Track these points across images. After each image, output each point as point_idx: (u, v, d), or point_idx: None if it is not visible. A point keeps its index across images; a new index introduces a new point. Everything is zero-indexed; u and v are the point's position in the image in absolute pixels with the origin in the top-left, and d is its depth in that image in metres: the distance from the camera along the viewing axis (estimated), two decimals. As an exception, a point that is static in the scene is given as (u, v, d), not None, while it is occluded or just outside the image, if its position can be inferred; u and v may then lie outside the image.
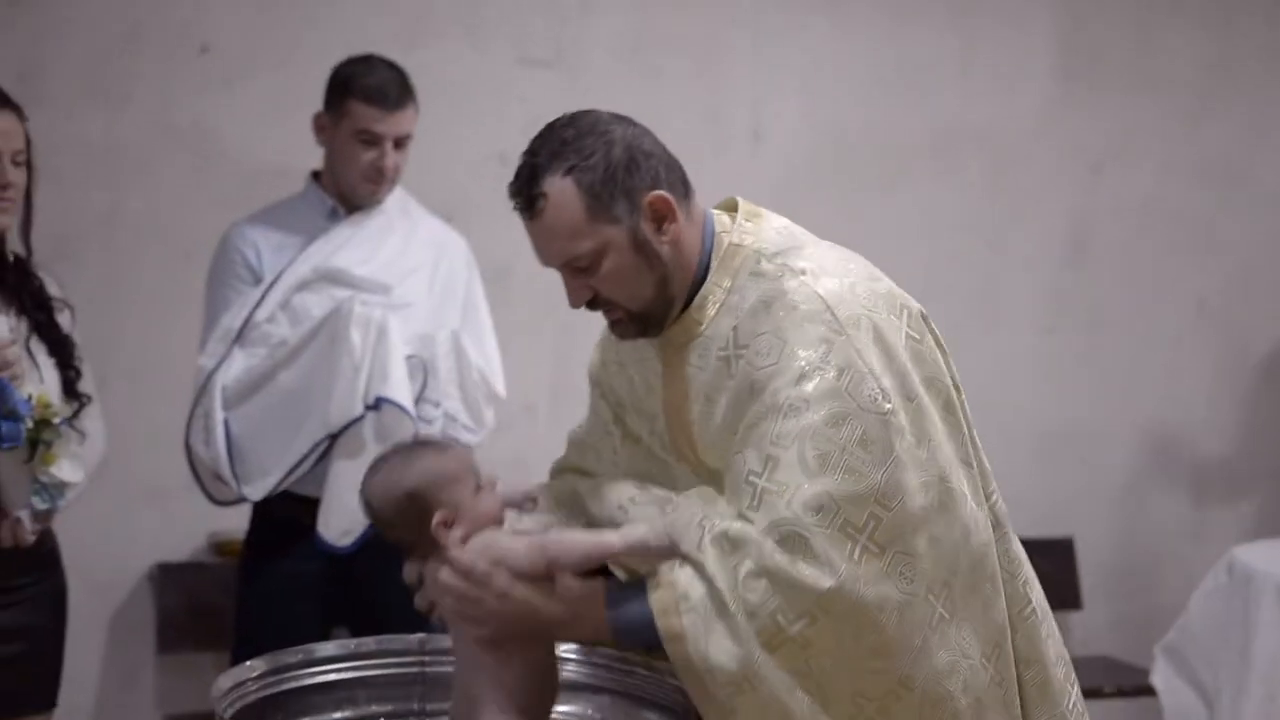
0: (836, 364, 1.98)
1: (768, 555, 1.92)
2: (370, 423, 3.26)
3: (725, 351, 2.07)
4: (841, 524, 1.92)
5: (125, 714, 4.24)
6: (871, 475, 1.95)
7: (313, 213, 3.44)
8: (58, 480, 2.93)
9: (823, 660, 1.92)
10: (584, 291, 2.11)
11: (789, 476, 1.94)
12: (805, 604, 1.90)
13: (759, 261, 2.10)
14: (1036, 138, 5.10)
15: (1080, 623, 5.10)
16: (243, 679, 2.19)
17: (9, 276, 3.08)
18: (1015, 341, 5.05)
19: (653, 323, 2.14)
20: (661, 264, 2.09)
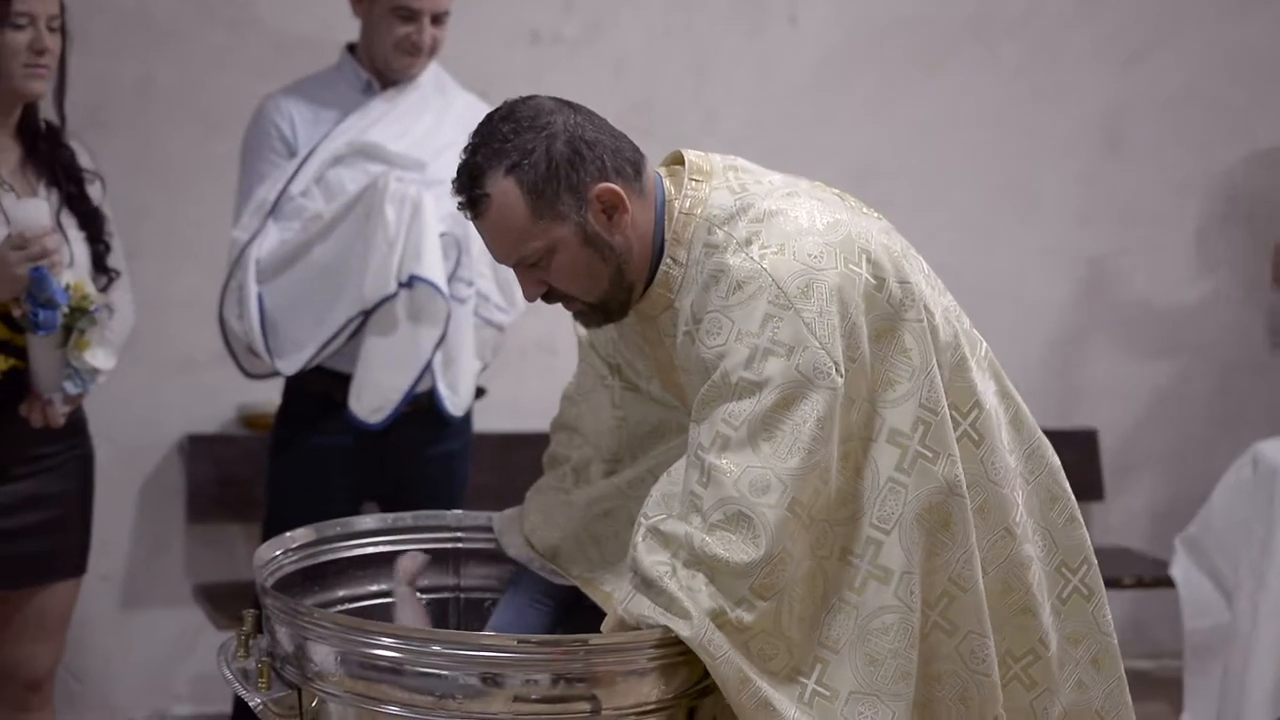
0: (786, 342, 1.95)
1: (698, 545, 1.92)
2: (403, 299, 3.26)
3: (688, 328, 2.05)
4: (790, 503, 1.92)
5: (154, 582, 4.29)
6: (820, 452, 1.94)
7: (348, 86, 3.41)
8: (90, 366, 2.95)
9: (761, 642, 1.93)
10: (538, 286, 2.09)
11: (739, 457, 1.93)
12: (741, 590, 1.91)
13: (710, 231, 2.05)
14: (1075, 25, 5.03)
15: (1101, 513, 5.12)
16: (283, 549, 2.22)
17: (41, 146, 3.07)
18: (1048, 232, 5.02)
19: (614, 310, 2.12)
20: (614, 254, 2.06)
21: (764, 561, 1.91)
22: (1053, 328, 5.13)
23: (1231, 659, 3.85)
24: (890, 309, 2.04)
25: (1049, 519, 2.18)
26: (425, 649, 1.92)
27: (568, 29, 4.52)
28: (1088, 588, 2.18)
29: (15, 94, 3.00)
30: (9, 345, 2.96)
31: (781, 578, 1.92)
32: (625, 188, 2.05)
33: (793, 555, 1.93)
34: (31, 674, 3.14)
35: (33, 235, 2.88)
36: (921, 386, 2.03)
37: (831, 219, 2.06)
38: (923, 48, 4.88)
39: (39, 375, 2.96)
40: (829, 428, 1.95)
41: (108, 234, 3.13)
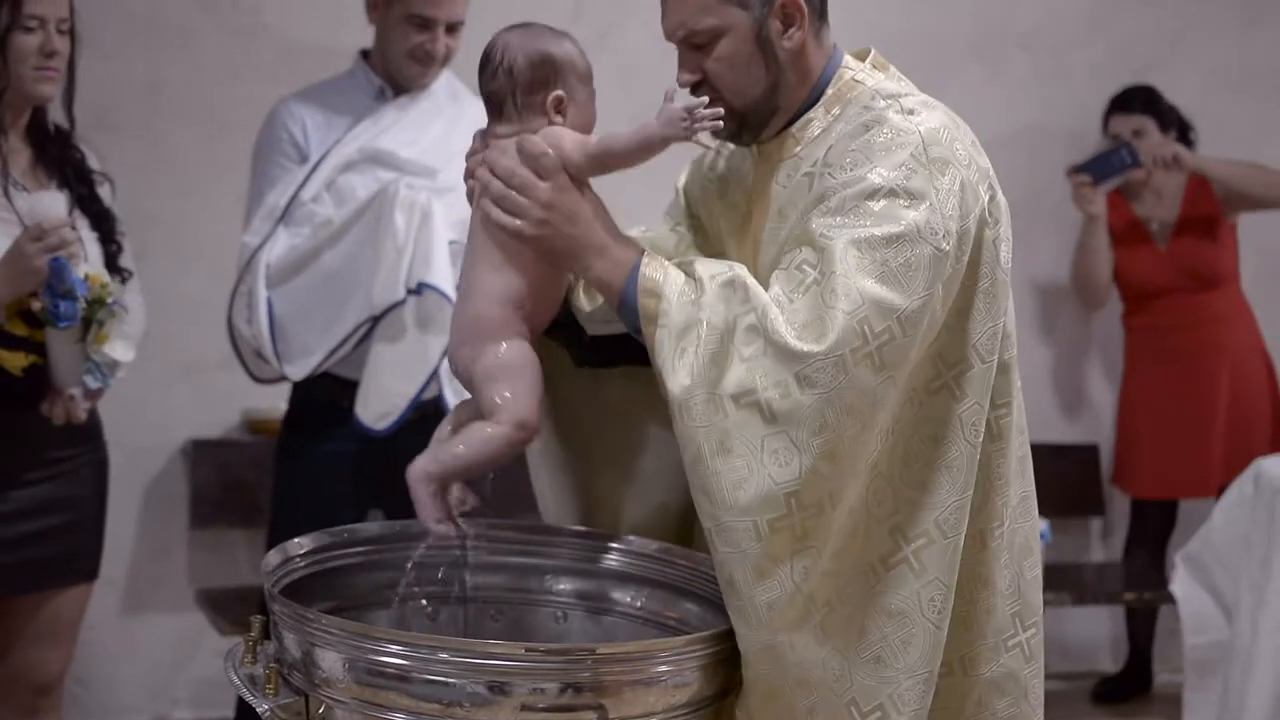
0: (912, 190, 1.97)
1: (772, 321, 1.92)
2: (411, 307, 3.26)
3: (813, 169, 2.05)
4: (861, 320, 1.91)
5: (157, 587, 4.29)
6: (906, 297, 1.93)
7: (360, 93, 3.42)
8: (110, 359, 2.95)
9: (779, 439, 1.91)
10: (694, 72, 2.09)
11: (832, 265, 1.93)
12: (786, 372, 1.91)
13: (874, 99, 2.08)
14: (1080, 42, 5.04)
15: (1103, 529, 5.13)
16: (291, 555, 2.22)
17: (51, 148, 3.08)
18: (1054, 248, 5.03)
19: (750, 126, 2.11)
20: (777, 67, 2.07)
21: (820, 355, 1.90)
22: (1055, 342, 5.14)
23: (1231, 675, 3.85)
24: (992, 250, 2.05)
25: (1021, 566, 2.15)
26: (432, 656, 1.91)
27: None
28: (1030, 650, 2.15)
29: (25, 96, 3.01)
30: (28, 342, 2.96)
31: (831, 380, 1.90)
32: (810, 13, 2.08)
33: (849, 371, 1.90)
34: (41, 678, 3.14)
35: (50, 226, 2.88)
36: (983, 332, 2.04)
37: (980, 150, 2.11)
38: (927, 63, 4.87)
39: (59, 370, 2.96)
40: (923, 280, 1.94)
41: (119, 235, 3.13)
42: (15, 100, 3.02)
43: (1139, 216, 4.89)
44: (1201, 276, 4.82)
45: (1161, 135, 4.81)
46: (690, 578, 2.23)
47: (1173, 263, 4.83)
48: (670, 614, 2.26)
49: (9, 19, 2.94)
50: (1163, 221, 4.88)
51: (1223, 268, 4.86)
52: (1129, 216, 4.89)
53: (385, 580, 2.35)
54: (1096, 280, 4.87)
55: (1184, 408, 4.81)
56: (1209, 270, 4.83)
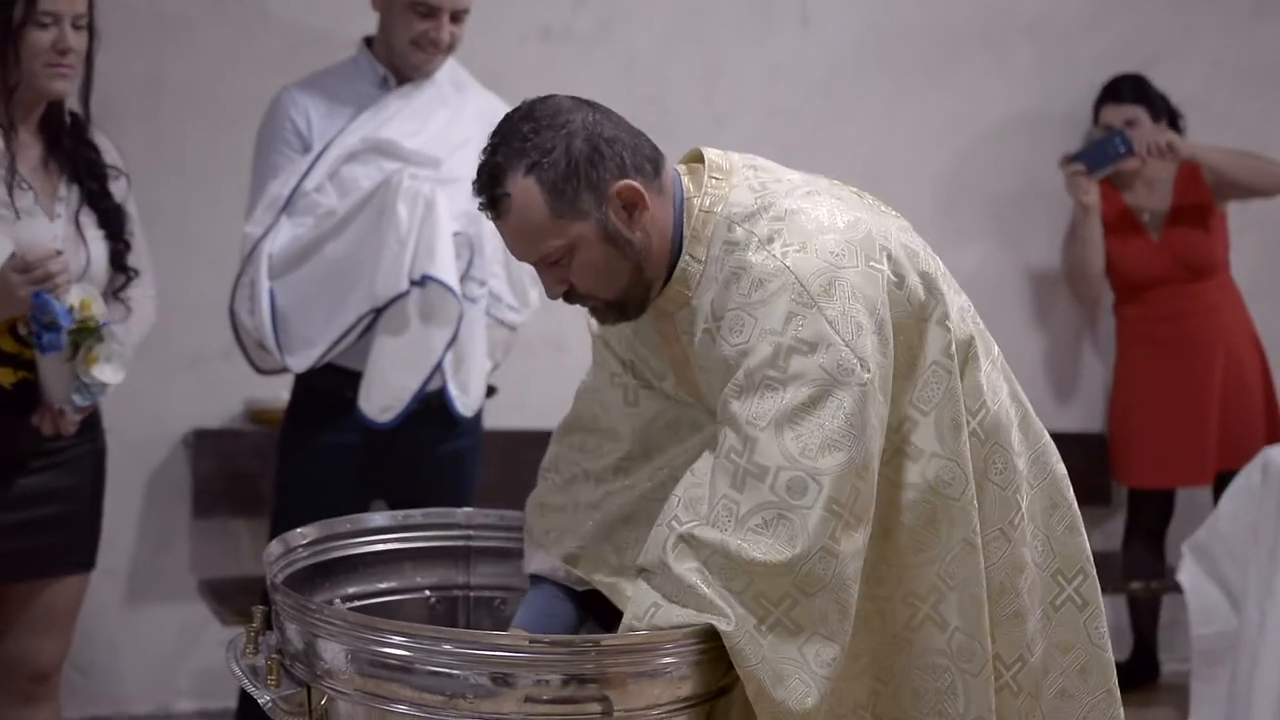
0: (809, 339, 1.95)
1: (734, 550, 1.92)
2: (415, 299, 3.25)
3: (707, 324, 2.05)
4: (826, 502, 1.92)
5: (160, 577, 4.28)
6: (852, 449, 1.94)
7: (364, 81, 3.40)
8: (99, 381, 2.95)
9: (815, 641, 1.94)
10: (560, 285, 2.09)
11: (768, 460, 1.93)
12: (786, 585, 1.92)
13: (730, 229, 2.05)
14: (1086, 32, 5.02)
15: (1109, 519, 5.12)
16: (293, 545, 2.22)
17: (65, 141, 3.07)
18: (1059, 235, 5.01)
19: (631, 307, 2.11)
20: (634, 251, 2.06)
21: (802, 559, 1.91)
22: (1062, 330, 5.13)
23: (1239, 665, 3.84)
24: (909, 306, 2.05)
25: (1049, 525, 2.18)
26: (436, 648, 1.91)
27: (579, 26, 4.51)
28: (1082, 598, 2.19)
29: (38, 93, 2.99)
30: (18, 359, 2.97)
31: (825, 572, 1.92)
32: (645, 185, 2.05)
33: (838, 553, 1.93)
34: (38, 667, 3.14)
35: (35, 259, 2.88)
36: (913, 385, 2.06)
37: (852, 217, 2.06)
38: (934, 51, 4.88)
39: (48, 389, 2.98)
40: (859, 424, 1.95)
41: (129, 233, 3.13)
42: (28, 97, 3.00)
43: (1130, 206, 4.88)
44: (1194, 266, 4.81)
45: (1153, 124, 4.80)
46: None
47: (1166, 252, 4.82)
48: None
49: (23, 14, 2.92)
50: (1154, 211, 4.87)
51: (1215, 256, 4.85)
52: (1120, 206, 4.88)
53: (388, 571, 2.35)
54: (1090, 271, 4.86)
55: (1178, 397, 4.81)
56: (1202, 259, 4.82)
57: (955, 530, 2.06)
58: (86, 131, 3.10)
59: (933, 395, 2.06)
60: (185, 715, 4.35)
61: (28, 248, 2.90)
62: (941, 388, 2.06)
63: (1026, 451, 2.17)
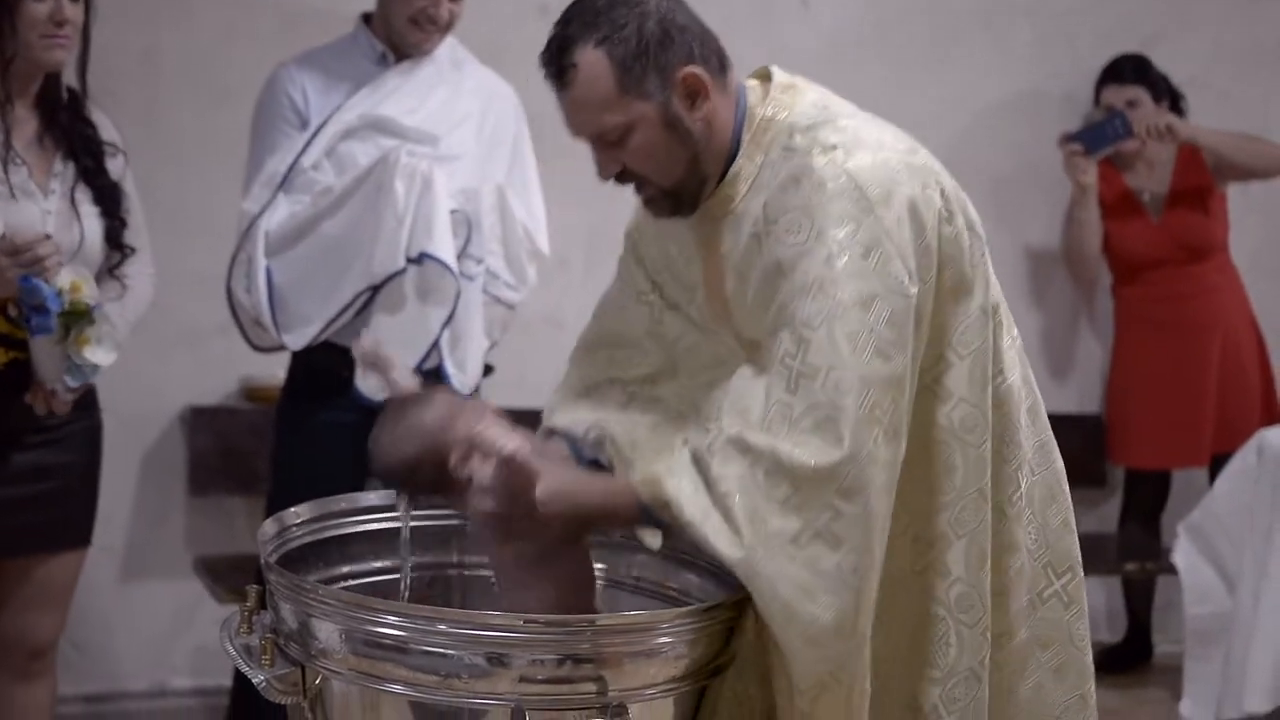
0: (864, 243, 1.96)
1: (785, 455, 1.92)
2: (412, 276, 3.24)
3: (756, 228, 2.05)
4: (870, 407, 1.92)
5: (155, 553, 4.28)
6: (897, 359, 1.95)
7: (361, 57, 3.39)
8: (90, 363, 2.95)
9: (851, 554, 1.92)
10: (613, 165, 2.09)
11: (821, 359, 1.93)
12: (827, 495, 1.91)
13: (791, 136, 2.06)
14: (1085, 13, 5.01)
15: (1105, 499, 5.12)
16: (287, 524, 2.21)
17: (61, 117, 3.05)
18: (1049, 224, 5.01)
19: (685, 201, 2.11)
20: (693, 142, 2.06)
21: (849, 461, 1.91)
22: (1059, 310, 5.12)
23: (1233, 646, 3.85)
24: (956, 246, 2.05)
25: (1046, 515, 2.18)
26: (430, 627, 1.91)
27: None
28: (1069, 595, 2.19)
29: (35, 64, 2.98)
30: (9, 339, 2.97)
31: (867, 479, 1.92)
32: (710, 77, 2.06)
33: (878, 459, 1.93)
34: (34, 643, 3.14)
35: (23, 243, 2.87)
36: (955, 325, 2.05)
37: (911, 144, 2.09)
38: (933, 32, 4.87)
39: (40, 369, 2.98)
40: (904, 335, 1.95)
41: (125, 210, 3.11)
42: (24, 69, 2.99)
43: (1130, 188, 4.87)
44: (1193, 247, 4.81)
45: (1154, 105, 4.79)
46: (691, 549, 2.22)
47: (1165, 234, 4.82)
48: (671, 585, 2.25)
49: None
50: (1154, 193, 4.87)
51: (1214, 238, 4.85)
52: (1120, 188, 4.87)
53: (383, 550, 2.34)
54: (1086, 253, 4.86)
55: (1175, 378, 4.81)
56: (1201, 241, 4.82)
57: (971, 479, 2.06)
58: (84, 107, 3.09)
59: (971, 341, 2.06)
60: (180, 692, 4.35)
61: (16, 230, 2.90)
62: (980, 336, 2.07)
63: (1033, 436, 2.17)
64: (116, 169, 3.12)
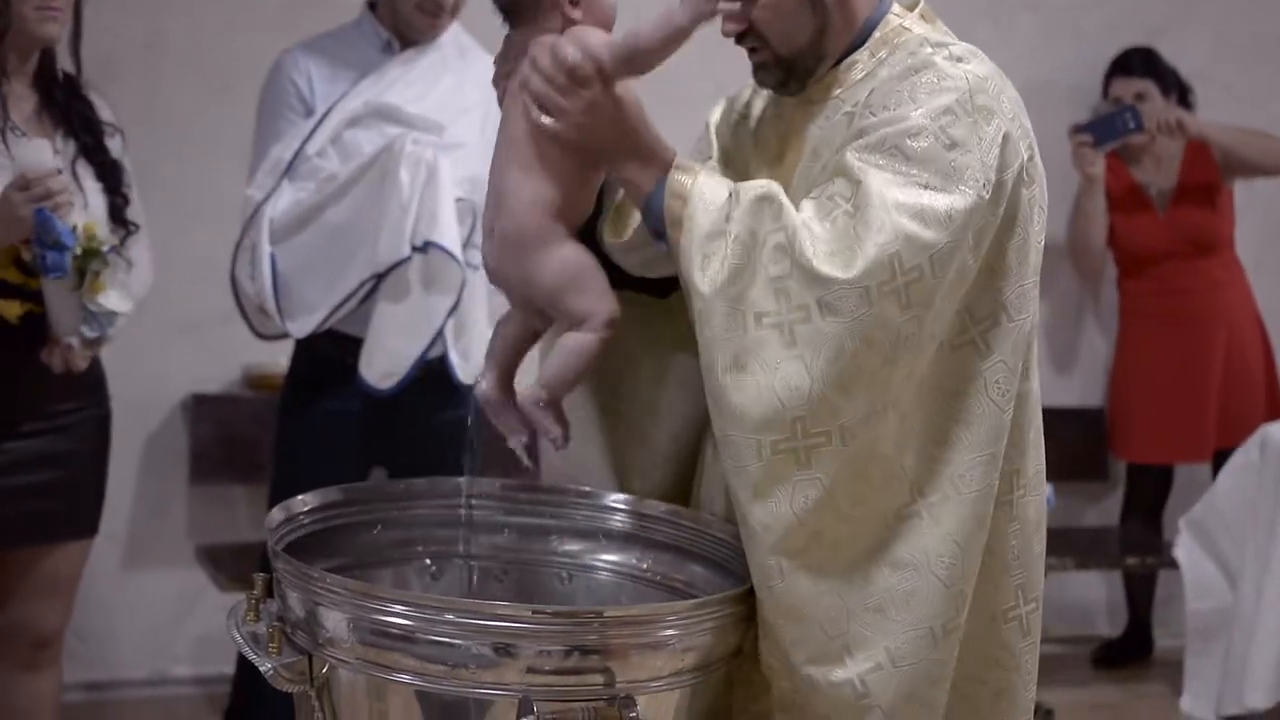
0: (954, 137, 1.93)
1: (800, 242, 1.89)
2: (417, 265, 3.24)
3: (853, 110, 2.02)
4: (892, 255, 1.88)
5: (157, 542, 4.28)
6: (939, 237, 1.90)
7: (367, 44, 3.38)
8: (106, 309, 2.93)
9: (794, 363, 1.88)
10: (740, 21, 2.05)
11: (864, 199, 1.90)
12: (809, 295, 1.88)
13: (921, 45, 2.04)
14: (1089, 6, 5.01)
15: (1106, 493, 5.12)
16: (295, 512, 2.20)
17: (58, 94, 3.05)
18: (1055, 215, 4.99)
19: (797, 73, 2.07)
20: (824, 11, 2.03)
21: (845, 283, 1.87)
22: (1064, 302, 5.12)
23: (1234, 641, 3.85)
24: (1027, 209, 2.01)
25: (1031, 539, 2.09)
26: (438, 617, 1.89)
27: None
28: (1028, 625, 2.09)
29: (29, 38, 2.97)
30: (24, 290, 2.94)
31: (852, 309, 1.88)
32: None
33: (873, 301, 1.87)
34: (40, 633, 3.13)
35: (35, 176, 2.85)
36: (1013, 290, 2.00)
37: (1023, 108, 2.06)
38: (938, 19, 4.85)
39: (56, 319, 2.94)
40: (955, 226, 1.91)
41: (126, 186, 3.11)
42: (19, 43, 2.98)
43: (1138, 181, 4.87)
44: (1200, 242, 4.81)
45: (1163, 99, 4.78)
46: (698, 540, 2.21)
47: (1172, 228, 4.82)
48: (678, 576, 2.24)
49: None
50: (1161, 187, 4.87)
51: (1221, 233, 4.85)
52: (1128, 181, 4.87)
53: (389, 539, 2.33)
54: (1092, 245, 4.85)
55: (1179, 373, 4.81)
56: (1208, 236, 4.82)
57: (985, 440, 1.99)
58: (80, 87, 3.07)
59: (1024, 309, 2.02)
60: (182, 681, 4.35)
61: (28, 166, 2.87)
62: (1031, 307, 2.03)
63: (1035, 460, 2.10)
64: (115, 148, 3.11)
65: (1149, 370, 4.86)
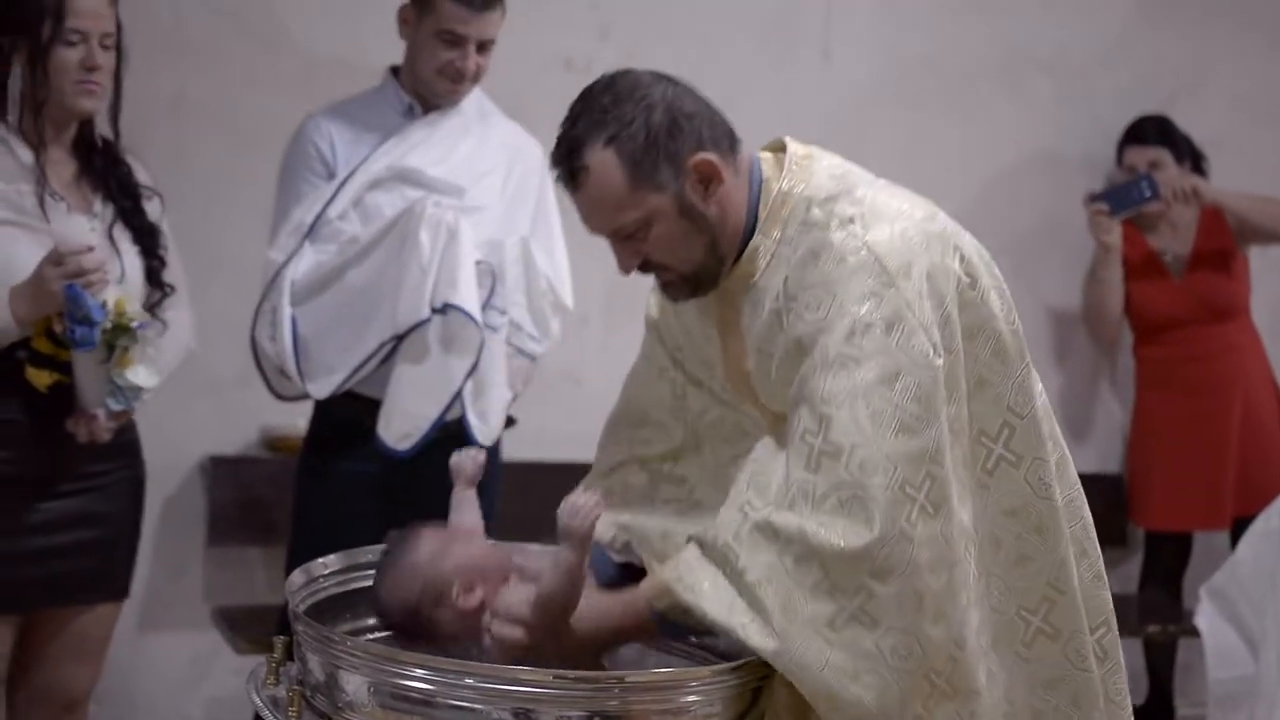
0: (886, 318, 1.95)
1: (811, 535, 1.90)
2: (436, 327, 3.25)
3: (777, 304, 2.04)
4: (900, 484, 1.91)
5: (174, 604, 4.26)
6: (925, 433, 1.93)
7: (389, 109, 3.41)
8: (132, 384, 2.94)
9: (890, 635, 1.91)
10: (633, 258, 2.09)
11: (844, 437, 1.92)
12: (859, 576, 1.89)
13: (808, 209, 2.06)
14: (1106, 67, 5.03)
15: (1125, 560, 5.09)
16: (315, 575, 2.20)
17: (96, 161, 3.08)
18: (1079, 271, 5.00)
19: (704, 282, 2.11)
20: (710, 226, 2.06)
21: (879, 543, 1.89)
22: (1079, 369, 5.11)
23: (1256, 711, 3.81)
24: (985, 309, 2.05)
25: (1079, 570, 2.16)
26: (459, 682, 1.89)
27: (603, 56, 4.50)
28: (1103, 649, 2.16)
29: (67, 110, 3.01)
30: (54, 360, 2.95)
31: (901, 558, 1.90)
32: (721, 160, 2.05)
33: (913, 538, 1.91)
34: (69, 695, 3.13)
35: (68, 251, 2.88)
36: (1010, 389, 2.05)
37: (930, 211, 2.08)
38: (953, 86, 4.88)
39: (83, 391, 2.96)
40: (932, 409, 1.94)
41: (162, 249, 3.13)
42: (57, 114, 3.01)
43: (1154, 249, 4.87)
44: (1216, 308, 4.81)
45: (1178, 167, 4.80)
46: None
47: (1188, 295, 4.82)
48: (698, 642, 2.23)
49: (51, 32, 2.94)
50: (1177, 254, 4.87)
51: (1237, 299, 4.85)
52: (1144, 248, 4.87)
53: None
54: (1109, 314, 4.85)
55: (1197, 439, 4.80)
56: (1224, 302, 4.82)
57: (1059, 533, 2.06)
58: (118, 151, 3.10)
59: (1027, 400, 2.06)
60: (196, 742, 4.33)
61: (62, 240, 2.90)
62: (1033, 393, 2.08)
63: (1063, 491, 2.15)
64: (154, 212, 3.14)
65: (1166, 436, 4.84)
